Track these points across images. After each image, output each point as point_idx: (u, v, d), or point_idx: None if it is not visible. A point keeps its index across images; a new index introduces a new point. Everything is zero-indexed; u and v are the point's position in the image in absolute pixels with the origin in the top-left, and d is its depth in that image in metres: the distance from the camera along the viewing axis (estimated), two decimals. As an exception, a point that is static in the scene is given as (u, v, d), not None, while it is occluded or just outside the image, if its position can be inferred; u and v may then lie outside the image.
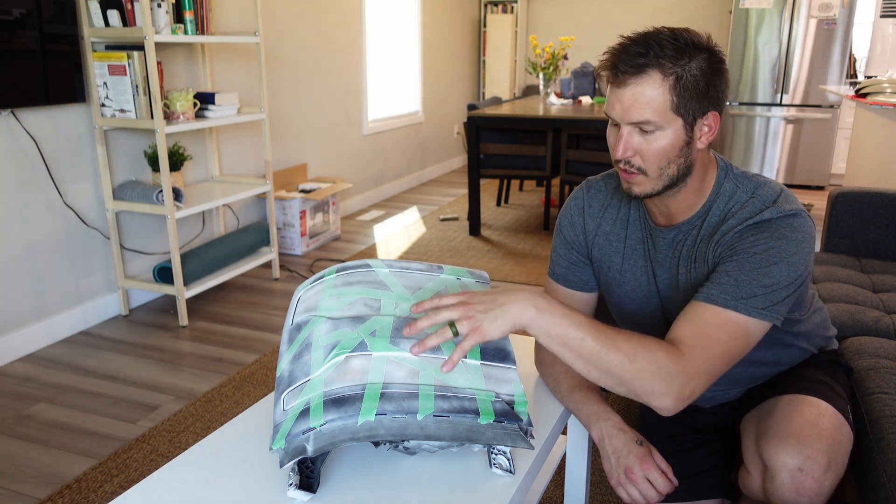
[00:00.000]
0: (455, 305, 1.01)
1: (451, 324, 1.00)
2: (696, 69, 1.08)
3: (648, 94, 1.07)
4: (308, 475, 0.98)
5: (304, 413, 0.96)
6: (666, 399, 1.03)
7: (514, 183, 5.96)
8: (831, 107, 5.51)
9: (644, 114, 1.08)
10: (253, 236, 3.44)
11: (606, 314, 1.77)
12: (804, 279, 1.12)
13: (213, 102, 3.03)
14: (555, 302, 1.03)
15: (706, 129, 1.13)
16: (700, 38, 1.10)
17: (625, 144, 1.12)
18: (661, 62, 1.06)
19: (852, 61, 5.55)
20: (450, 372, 1.00)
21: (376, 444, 1.05)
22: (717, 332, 1.07)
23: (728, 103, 5.74)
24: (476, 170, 4.27)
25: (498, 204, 5.23)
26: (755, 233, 1.12)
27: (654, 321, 1.34)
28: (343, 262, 2.55)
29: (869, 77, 5.12)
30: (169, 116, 2.84)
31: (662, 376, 1.02)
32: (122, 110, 2.75)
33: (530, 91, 7.01)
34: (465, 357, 1.04)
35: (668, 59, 1.06)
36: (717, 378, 1.08)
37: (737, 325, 1.08)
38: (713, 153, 1.24)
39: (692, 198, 1.21)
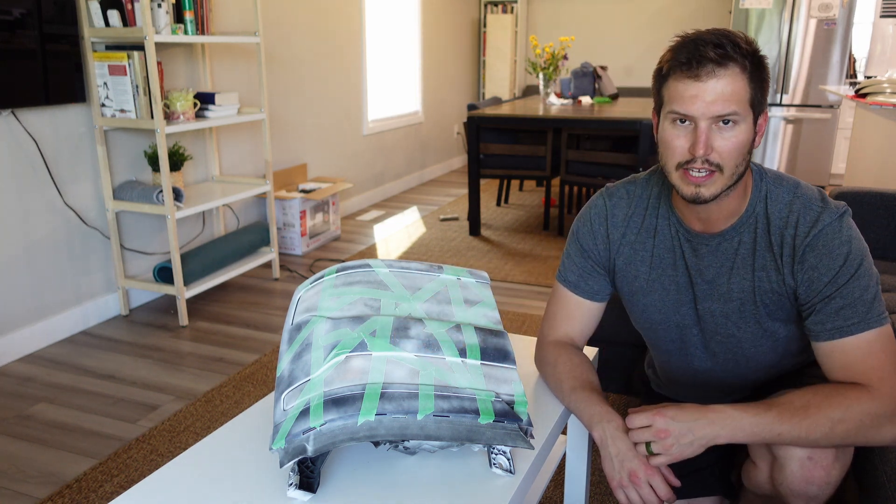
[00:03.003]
0: (657, 432, 1.06)
1: (647, 444, 1.07)
2: (760, 68, 1.09)
3: (734, 86, 1.06)
4: (308, 475, 0.98)
5: (304, 413, 0.96)
6: (884, 434, 1.07)
7: (514, 183, 5.96)
8: (831, 107, 5.51)
9: (730, 105, 1.06)
10: (253, 236, 3.44)
11: (613, 323, 1.77)
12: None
13: (213, 102, 3.03)
14: (741, 413, 1.06)
15: (760, 126, 1.13)
16: (747, 37, 1.11)
17: (706, 141, 1.08)
18: (739, 55, 1.06)
19: (852, 61, 5.55)
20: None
21: (376, 444, 1.05)
22: (876, 360, 1.10)
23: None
24: (476, 170, 4.27)
25: (498, 204, 5.23)
26: (825, 243, 1.13)
27: (681, 328, 1.33)
28: (343, 262, 2.55)
29: (869, 77, 5.12)
30: (169, 116, 2.84)
31: (868, 423, 1.06)
32: (122, 110, 2.75)
33: (530, 91, 7.02)
34: (466, 357, 1.04)
35: (744, 55, 1.07)
36: None
37: (880, 339, 1.11)
38: None
39: (735, 203, 1.19)
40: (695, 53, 1.06)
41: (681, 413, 1.08)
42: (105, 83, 2.74)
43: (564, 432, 1.88)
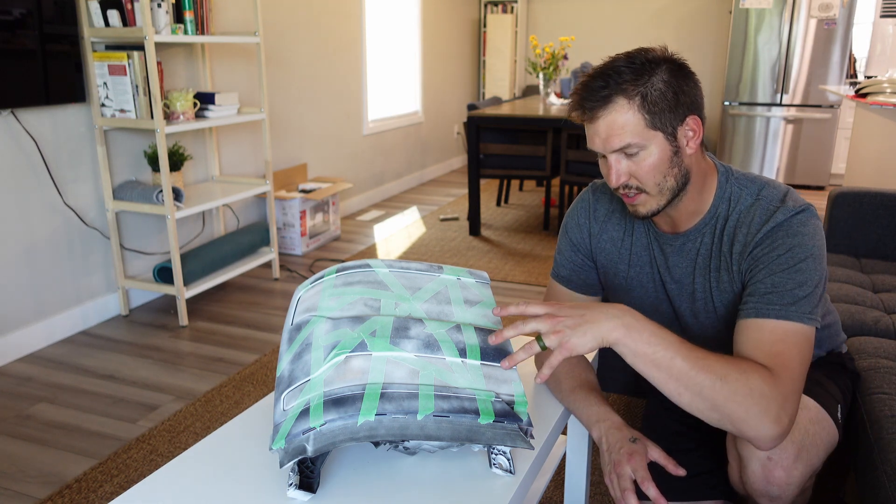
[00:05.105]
0: (542, 317, 1.01)
1: (538, 337, 1.00)
2: (659, 82, 1.11)
3: (620, 121, 1.10)
4: (308, 475, 0.98)
5: (304, 413, 0.96)
6: (764, 422, 0.99)
7: (514, 183, 5.96)
8: (831, 107, 5.51)
9: (623, 139, 1.11)
10: (253, 236, 3.44)
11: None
12: (826, 272, 1.15)
13: (213, 102, 3.03)
14: (644, 320, 1.03)
15: (690, 133, 1.15)
16: (655, 52, 1.13)
17: (616, 172, 1.15)
18: (622, 87, 1.10)
19: (852, 61, 5.55)
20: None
21: (376, 444, 1.05)
22: (785, 347, 1.06)
23: (727, 103, 5.75)
24: (476, 170, 4.27)
25: (498, 204, 5.23)
26: (772, 237, 1.14)
27: (663, 326, 1.34)
28: (343, 262, 2.55)
29: (869, 77, 5.12)
30: (169, 116, 2.84)
31: (756, 398, 0.99)
32: (122, 110, 2.75)
33: (530, 91, 7.01)
34: (466, 357, 1.04)
35: (628, 83, 1.10)
36: (800, 395, 1.06)
37: (797, 334, 1.08)
38: (711, 158, 1.25)
39: (694, 204, 1.22)
40: (581, 99, 1.13)
41: (579, 304, 1.04)
42: (105, 83, 2.74)
43: (564, 432, 1.88)
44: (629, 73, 1.10)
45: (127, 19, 2.69)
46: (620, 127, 1.10)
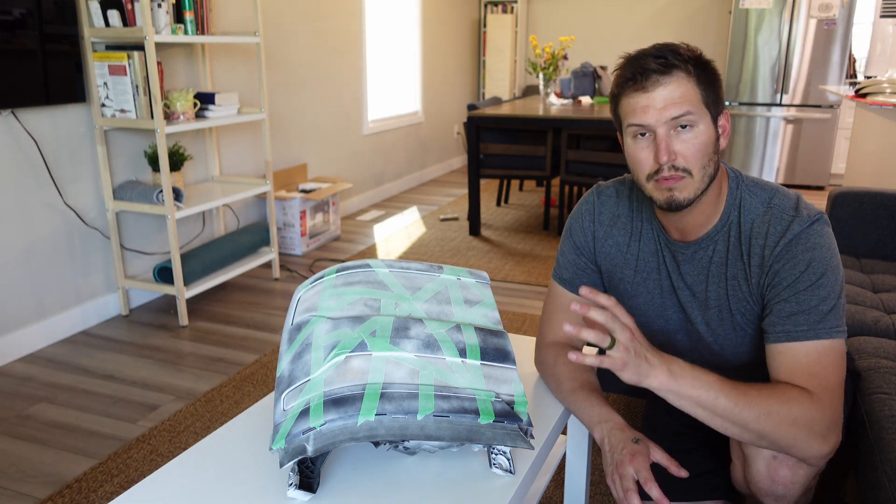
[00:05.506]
0: (627, 330, 1.02)
1: (612, 338, 1.02)
2: (706, 70, 1.13)
3: (682, 89, 1.10)
4: (308, 475, 0.98)
5: (304, 413, 0.96)
6: (812, 445, 1.06)
7: (514, 183, 5.96)
8: (831, 107, 5.51)
9: (682, 107, 1.10)
10: (253, 236, 3.44)
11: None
12: (843, 279, 1.16)
13: (213, 102, 3.03)
14: (686, 366, 1.06)
15: (720, 130, 1.16)
16: (691, 47, 1.16)
17: (667, 146, 1.11)
18: (681, 63, 1.11)
19: (852, 61, 5.55)
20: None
21: (376, 444, 1.05)
22: (822, 368, 1.10)
23: (728, 103, 5.75)
24: (476, 170, 4.27)
25: (498, 204, 5.23)
26: (791, 251, 1.14)
27: (665, 334, 1.34)
28: (343, 262, 2.55)
29: (869, 77, 5.12)
30: (169, 116, 2.84)
31: (801, 425, 1.05)
32: (122, 110, 2.75)
33: (530, 91, 7.01)
34: (466, 357, 1.04)
35: (685, 61, 1.11)
36: (842, 406, 1.11)
37: (830, 352, 1.11)
38: (723, 163, 1.24)
39: (709, 210, 1.21)
40: (638, 68, 1.11)
41: (648, 343, 1.07)
42: (105, 83, 2.74)
43: (564, 432, 1.88)
44: (685, 51, 1.12)
45: (127, 19, 2.69)
46: (681, 95, 1.10)
